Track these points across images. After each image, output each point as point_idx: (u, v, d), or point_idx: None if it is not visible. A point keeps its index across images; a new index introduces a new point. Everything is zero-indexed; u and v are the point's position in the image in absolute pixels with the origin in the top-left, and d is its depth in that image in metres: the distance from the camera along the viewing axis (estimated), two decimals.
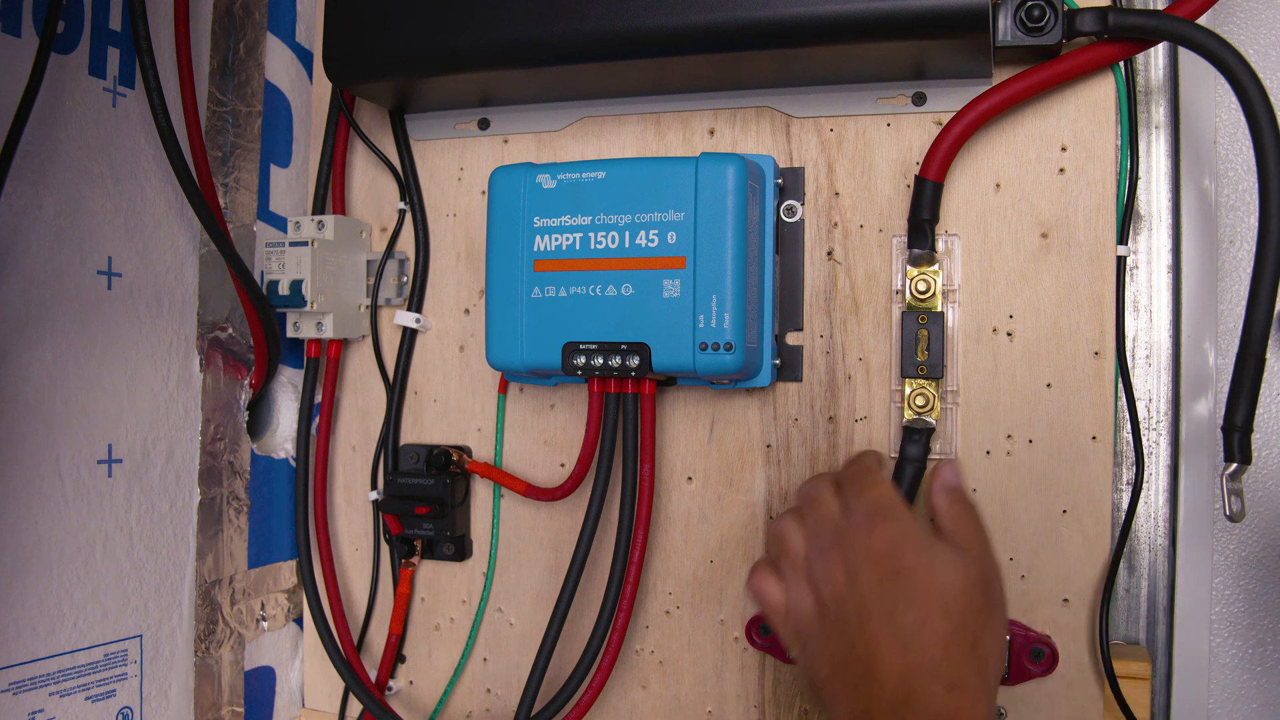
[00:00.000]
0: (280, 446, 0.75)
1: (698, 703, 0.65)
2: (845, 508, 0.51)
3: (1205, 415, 0.63)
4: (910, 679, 0.46)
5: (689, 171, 0.56)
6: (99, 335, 0.61)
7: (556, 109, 0.67)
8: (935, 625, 0.46)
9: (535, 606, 0.68)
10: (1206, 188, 0.64)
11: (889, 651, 0.46)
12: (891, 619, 0.47)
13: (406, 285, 0.71)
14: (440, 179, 0.70)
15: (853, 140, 0.61)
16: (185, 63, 0.65)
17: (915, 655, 0.46)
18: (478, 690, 0.70)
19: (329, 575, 0.71)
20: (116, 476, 0.62)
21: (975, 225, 0.59)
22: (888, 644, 0.46)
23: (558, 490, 0.65)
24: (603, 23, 0.56)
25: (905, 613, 0.47)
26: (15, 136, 0.54)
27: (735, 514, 0.64)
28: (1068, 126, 0.58)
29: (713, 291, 0.55)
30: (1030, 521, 0.58)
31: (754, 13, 0.53)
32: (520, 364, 0.59)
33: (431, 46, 0.59)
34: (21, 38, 0.56)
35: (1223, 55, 0.50)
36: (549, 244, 0.58)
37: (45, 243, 0.58)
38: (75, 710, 0.60)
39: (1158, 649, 0.64)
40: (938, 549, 0.49)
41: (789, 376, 0.62)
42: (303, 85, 0.75)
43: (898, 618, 0.47)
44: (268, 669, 0.74)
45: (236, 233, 0.71)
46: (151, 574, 0.65)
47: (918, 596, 0.47)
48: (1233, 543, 0.64)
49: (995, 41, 0.54)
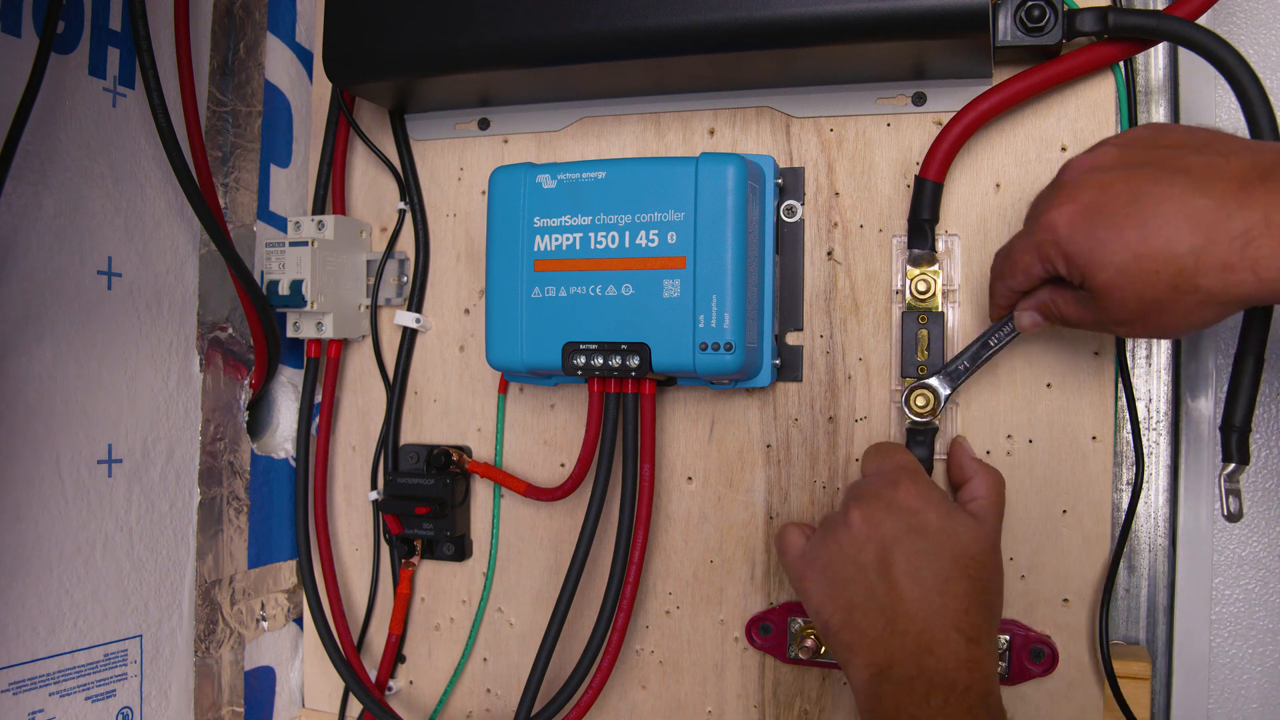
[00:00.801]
0: (280, 446, 0.75)
1: (698, 703, 0.65)
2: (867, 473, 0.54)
3: (1205, 415, 0.63)
4: (932, 632, 0.47)
5: (689, 171, 0.56)
6: (99, 335, 0.61)
7: (556, 109, 0.67)
8: (958, 585, 0.48)
9: (535, 606, 0.68)
10: None
11: (912, 604, 0.48)
12: (916, 574, 0.48)
13: (406, 285, 0.71)
14: (440, 179, 0.70)
15: (853, 140, 0.61)
16: (185, 63, 0.65)
17: (937, 609, 0.48)
18: (478, 690, 0.70)
19: (329, 575, 0.71)
20: (116, 476, 0.63)
21: (975, 225, 0.59)
22: (911, 597, 0.48)
23: (558, 490, 0.65)
24: (603, 23, 0.56)
25: (929, 568, 0.48)
26: (15, 136, 0.54)
27: (735, 514, 0.64)
28: (1068, 126, 0.58)
29: (713, 291, 0.55)
30: (1030, 521, 0.58)
31: (754, 13, 0.53)
32: (520, 364, 0.59)
33: (431, 46, 0.59)
34: (21, 38, 0.56)
35: (1223, 55, 0.50)
36: (549, 244, 0.58)
37: (45, 243, 0.58)
38: (75, 710, 0.60)
39: (1158, 649, 0.64)
40: (958, 515, 0.51)
41: (789, 376, 0.62)
42: (303, 85, 0.75)
43: (921, 574, 0.48)
44: (268, 669, 0.74)
45: (236, 233, 0.71)
46: (151, 574, 0.65)
47: (942, 555, 0.49)
48: (1233, 543, 0.64)
49: (995, 41, 0.54)
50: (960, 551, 0.49)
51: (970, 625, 0.48)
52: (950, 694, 0.46)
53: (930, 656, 0.47)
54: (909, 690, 0.46)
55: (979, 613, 0.48)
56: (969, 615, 0.48)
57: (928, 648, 0.47)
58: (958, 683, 0.46)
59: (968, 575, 0.49)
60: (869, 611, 0.49)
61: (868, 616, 0.49)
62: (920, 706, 0.46)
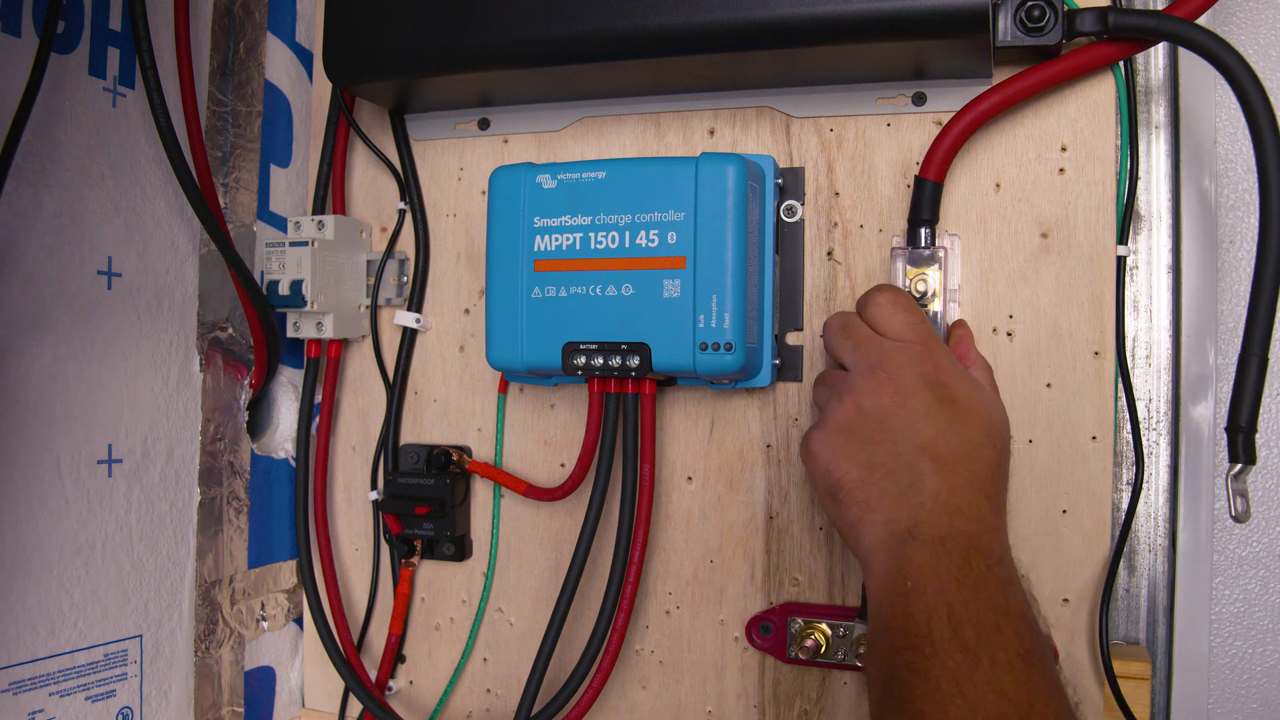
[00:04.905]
0: (280, 446, 0.75)
1: (698, 703, 0.65)
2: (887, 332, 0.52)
3: (1205, 415, 0.63)
4: (960, 494, 0.47)
5: (689, 171, 0.56)
6: (99, 335, 0.61)
7: (556, 109, 0.67)
8: (986, 453, 0.48)
9: (535, 606, 0.68)
10: (1206, 188, 0.64)
11: (942, 465, 0.47)
12: (944, 436, 0.48)
13: (406, 285, 0.71)
14: (440, 179, 0.70)
15: (853, 140, 0.61)
16: (185, 63, 0.65)
17: (965, 472, 0.47)
18: (478, 690, 0.70)
19: (329, 575, 0.71)
20: (116, 476, 0.62)
21: (975, 225, 0.59)
22: (940, 458, 0.47)
23: (558, 490, 0.65)
24: (603, 23, 0.56)
25: (957, 432, 0.48)
26: (15, 136, 0.54)
27: (735, 514, 0.64)
28: (1068, 126, 0.58)
29: (713, 291, 0.55)
30: (1030, 521, 0.58)
31: (754, 13, 0.53)
32: (520, 364, 0.59)
33: (431, 46, 0.59)
34: (21, 38, 0.56)
35: (1222, 55, 0.50)
36: (549, 244, 0.58)
37: (45, 243, 0.58)
38: (75, 710, 0.60)
39: (1158, 649, 0.64)
40: (980, 386, 0.51)
41: (789, 376, 0.62)
42: (303, 85, 0.75)
43: (951, 438, 0.48)
44: (268, 669, 0.74)
45: (236, 233, 0.71)
46: (151, 574, 0.65)
47: (971, 422, 0.49)
48: (1232, 543, 0.64)
49: (995, 41, 0.54)
50: (987, 418, 0.49)
51: (995, 492, 0.48)
52: (990, 559, 0.45)
53: (962, 518, 0.46)
54: (944, 550, 0.45)
55: (1000, 481, 0.49)
56: (993, 482, 0.48)
57: (959, 510, 0.46)
58: (993, 549, 0.46)
59: (992, 444, 0.49)
60: (893, 470, 0.48)
61: (891, 474, 0.48)
62: (963, 569, 0.44)
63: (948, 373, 0.50)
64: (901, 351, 0.50)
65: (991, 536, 0.46)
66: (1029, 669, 0.42)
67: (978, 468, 0.48)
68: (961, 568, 0.44)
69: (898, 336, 0.51)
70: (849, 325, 0.53)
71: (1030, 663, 0.42)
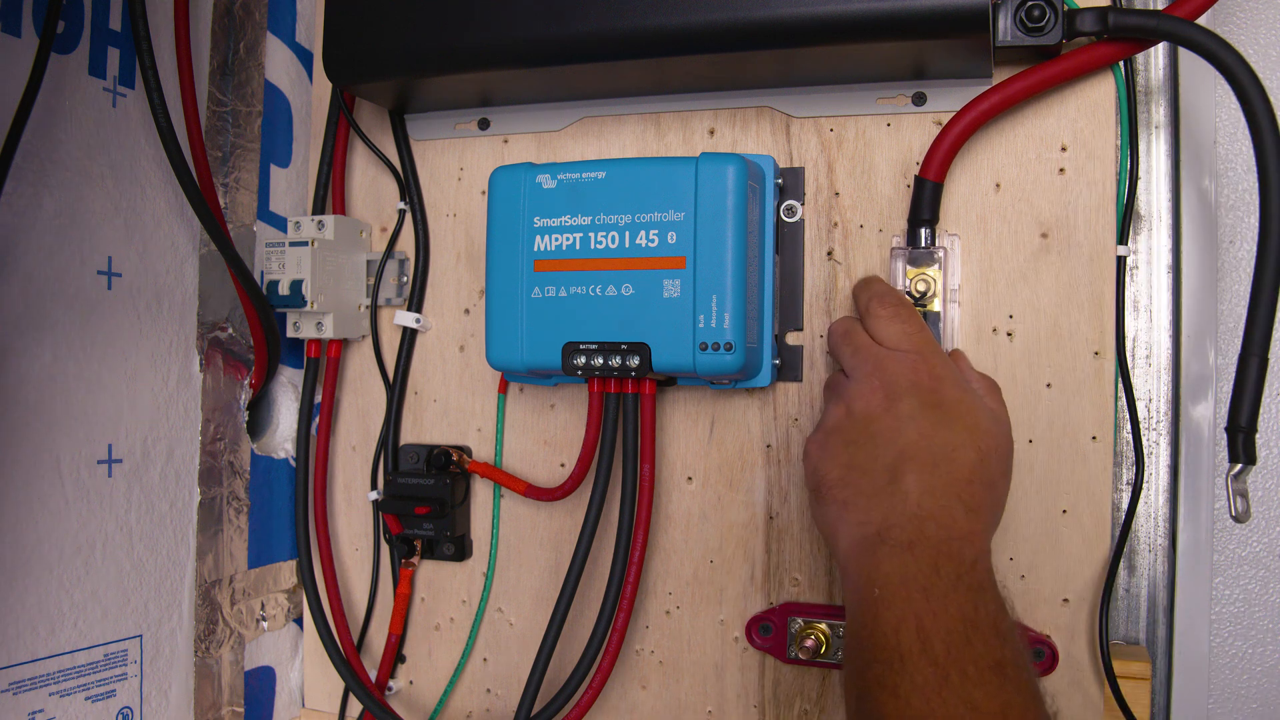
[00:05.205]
0: (280, 446, 0.75)
1: (698, 703, 0.65)
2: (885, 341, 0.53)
3: (1205, 415, 0.63)
4: (934, 497, 0.47)
5: (689, 171, 0.56)
6: (99, 335, 0.61)
7: (556, 109, 0.67)
8: (966, 454, 0.48)
9: (535, 606, 0.68)
10: (1206, 188, 0.64)
11: (918, 466, 0.47)
12: (926, 439, 0.48)
13: (406, 285, 0.71)
14: (440, 179, 0.70)
15: (853, 140, 0.61)
16: (185, 63, 0.65)
17: (943, 475, 0.47)
18: (478, 690, 0.70)
19: (329, 575, 0.71)
20: (116, 476, 0.62)
21: (975, 225, 0.59)
22: (918, 459, 0.47)
23: (558, 490, 0.65)
24: (603, 23, 0.56)
25: (940, 435, 0.48)
26: (15, 136, 0.54)
27: (735, 514, 0.64)
28: (1068, 126, 0.58)
29: (713, 291, 0.55)
30: (1030, 521, 0.58)
31: (754, 13, 0.53)
32: (520, 364, 0.59)
33: (431, 46, 0.59)
34: (21, 38, 0.56)
35: (1222, 55, 0.50)
36: (549, 244, 0.58)
37: (45, 243, 0.58)
38: (75, 710, 0.60)
39: (1158, 649, 0.64)
40: (975, 393, 0.52)
41: (789, 376, 0.62)
42: (303, 85, 0.75)
43: (932, 439, 0.48)
44: (268, 669, 0.74)
45: (236, 233, 0.71)
46: (151, 574, 0.65)
47: (955, 425, 0.49)
48: (1232, 543, 0.64)
49: (995, 41, 0.54)
50: (973, 423, 0.49)
51: (971, 496, 0.47)
52: (960, 566, 0.45)
53: (931, 524, 0.46)
54: (911, 557, 0.45)
55: (980, 487, 0.48)
56: (970, 486, 0.47)
57: (929, 514, 0.46)
58: (964, 555, 0.45)
59: (977, 447, 0.48)
60: (869, 471, 0.48)
61: (868, 475, 0.48)
62: (931, 578, 0.44)
63: (940, 379, 0.50)
64: (897, 359, 0.51)
65: (962, 543, 0.46)
66: (1001, 681, 0.42)
67: (955, 470, 0.47)
68: (930, 576, 0.44)
69: (895, 346, 0.52)
70: (850, 332, 0.54)
71: (1002, 674, 0.42)
